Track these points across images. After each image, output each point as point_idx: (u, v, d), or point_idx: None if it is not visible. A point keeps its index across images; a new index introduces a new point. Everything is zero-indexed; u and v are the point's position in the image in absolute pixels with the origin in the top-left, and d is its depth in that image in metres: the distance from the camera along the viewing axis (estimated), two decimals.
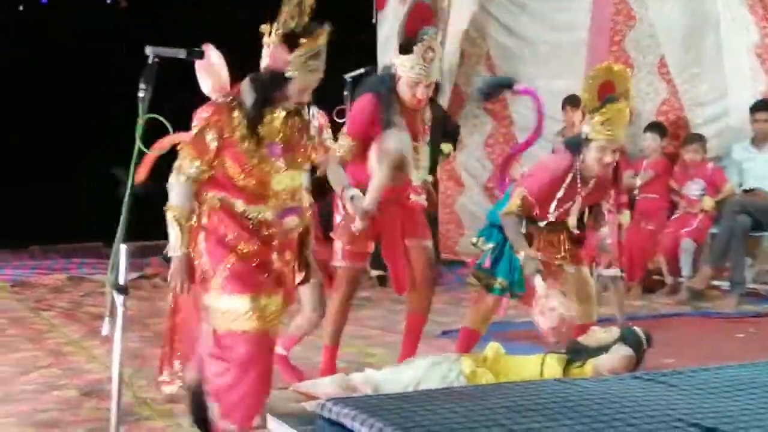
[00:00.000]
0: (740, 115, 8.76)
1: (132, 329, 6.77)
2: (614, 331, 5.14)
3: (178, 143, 4.83)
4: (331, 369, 5.30)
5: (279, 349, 5.48)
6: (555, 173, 5.17)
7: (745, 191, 8.52)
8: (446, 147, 8.29)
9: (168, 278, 4.19)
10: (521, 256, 5.10)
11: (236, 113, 4.01)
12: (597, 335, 5.16)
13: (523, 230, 5.18)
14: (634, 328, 5.18)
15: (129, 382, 4.88)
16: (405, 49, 5.05)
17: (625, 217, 7.76)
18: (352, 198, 4.96)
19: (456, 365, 4.87)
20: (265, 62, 4.06)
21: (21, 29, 10.63)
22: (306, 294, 5.32)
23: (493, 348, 5.02)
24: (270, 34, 4.02)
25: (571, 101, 8.78)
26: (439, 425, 2.98)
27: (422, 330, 5.48)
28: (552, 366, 4.97)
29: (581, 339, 5.17)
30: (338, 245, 5.29)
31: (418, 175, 5.28)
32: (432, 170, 6.05)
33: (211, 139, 3.96)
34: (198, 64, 5.22)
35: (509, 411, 3.17)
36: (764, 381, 3.61)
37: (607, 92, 5.10)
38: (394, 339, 6.16)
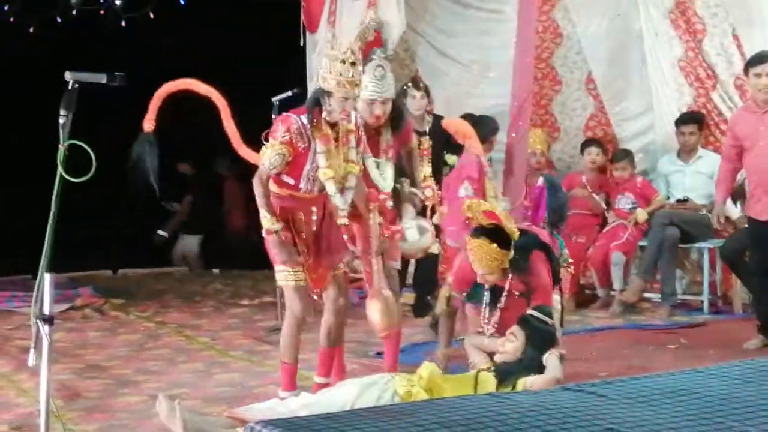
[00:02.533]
0: (666, 128, 8.88)
1: (62, 361, 6.68)
2: (516, 332, 5.23)
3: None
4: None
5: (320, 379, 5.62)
6: None
7: (679, 200, 8.62)
8: (451, 159, 8.30)
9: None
10: None
11: None
12: (506, 347, 5.23)
13: None
14: (529, 313, 5.31)
15: (59, 414, 4.79)
16: None
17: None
18: None
19: (390, 385, 4.88)
20: None
21: None
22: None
23: (427, 368, 5.03)
24: None
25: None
26: None
27: (399, 340, 5.94)
28: (485, 384, 5.00)
29: (499, 358, 5.23)
30: None
31: (383, 185, 5.75)
32: (437, 181, 6.52)
33: None
34: None
35: (441, 426, 3.16)
36: (692, 388, 3.64)
37: (492, 219, 5.52)
38: None
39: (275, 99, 7.76)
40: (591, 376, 5.65)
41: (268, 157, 5.24)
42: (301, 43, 10.31)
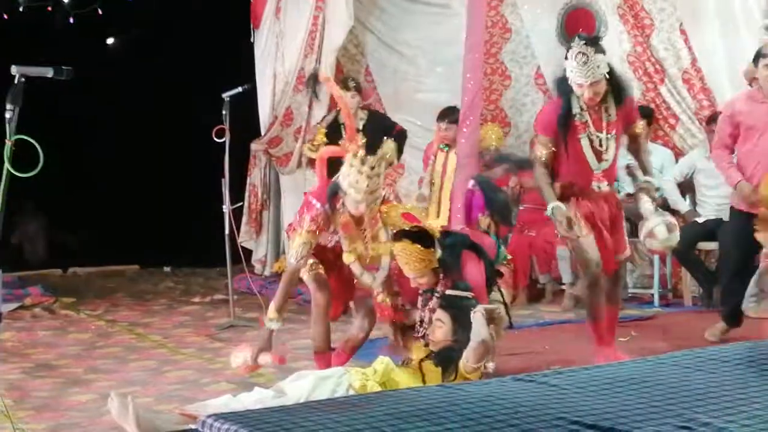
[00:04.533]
0: None
1: (11, 360, 6.62)
2: (442, 316, 5.27)
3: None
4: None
5: None
6: None
7: (628, 194, 8.67)
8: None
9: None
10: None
11: None
12: (436, 335, 5.25)
13: None
14: (447, 294, 5.33)
15: (8, 413, 4.74)
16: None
17: None
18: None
19: (345, 379, 4.88)
20: None
21: None
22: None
23: (382, 362, 5.04)
24: None
25: (442, 115, 8.74)
26: None
27: None
28: (430, 374, 5.02)
29: (434, 347, 5.25)
30: None
31: (599, 166, 6.01)
32: None
33: None
34: None
35: (393, 418, 3.16)
36: (642, 377, 3.67)
37: (410, 220, 5.57)
38: None
39: (226, 95, 7.75)
40: (542, 369, 5.67)
41: (295, 250, 5.39)
42: (251, 40, 10.29)
